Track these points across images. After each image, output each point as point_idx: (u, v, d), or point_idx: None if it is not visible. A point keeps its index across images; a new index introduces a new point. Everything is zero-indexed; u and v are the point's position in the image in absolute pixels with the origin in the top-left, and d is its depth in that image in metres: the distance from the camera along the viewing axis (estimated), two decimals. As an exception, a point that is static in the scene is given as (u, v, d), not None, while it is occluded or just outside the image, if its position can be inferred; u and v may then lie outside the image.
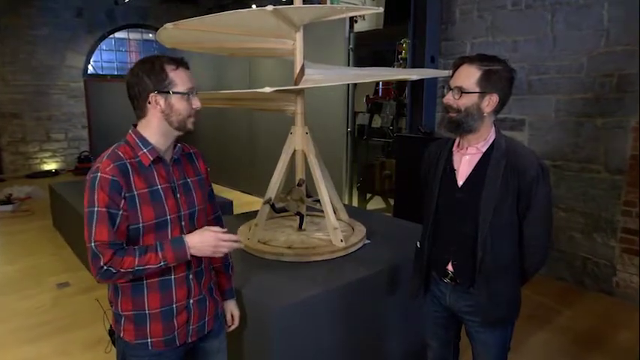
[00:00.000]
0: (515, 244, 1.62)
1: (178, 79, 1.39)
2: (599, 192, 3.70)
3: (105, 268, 1.32)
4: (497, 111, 1.58)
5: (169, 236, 1.43)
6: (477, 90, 1.52)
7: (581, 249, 3.84)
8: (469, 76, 1.53)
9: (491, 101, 1.54)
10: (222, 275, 1.71)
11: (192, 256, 1.46)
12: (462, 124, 1.56)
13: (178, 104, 1.40)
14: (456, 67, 1.57)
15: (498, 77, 1.52)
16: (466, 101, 1.53)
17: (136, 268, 1.33)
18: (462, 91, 1.53)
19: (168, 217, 1.42)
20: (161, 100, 1.38)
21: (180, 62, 1.41)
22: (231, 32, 2.31)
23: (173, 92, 1.38)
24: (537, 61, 3.93)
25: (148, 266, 1.35)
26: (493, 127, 1.62)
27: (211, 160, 1.67)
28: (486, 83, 1.52)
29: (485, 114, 1.55)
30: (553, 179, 3.80)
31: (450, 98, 1.56)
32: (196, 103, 1.43)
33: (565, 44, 3.76)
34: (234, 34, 2.34)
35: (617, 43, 3.48)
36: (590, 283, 3.81)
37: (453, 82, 1.56)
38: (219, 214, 1.72)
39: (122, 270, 1.33)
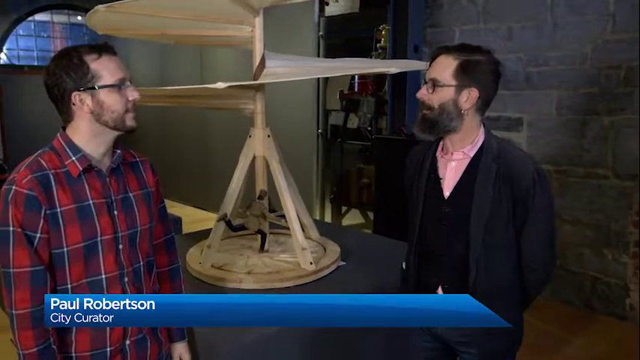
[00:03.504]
0: (514, 263, 1.65)
1: (103, 69, 1.36)
2: (607, 201, 3.79)
3: (12, 311, 1.31)
4: (480, 109, 1.61)
5: (102, 265, 1.40)
6: (453, 83, 1.56)
7: (590, 267, 3.93)
8: (445, 68, 1.56)
9: (470, 96, 1.57)
10: None
11: (129, 284, 1.44)
12: (437, 124, 1.59)
13: (109, 99, 1.37)
14: (432, 58, 1.62)
15: (479, 69, 1.56)
16: (441, 96, 1.57)
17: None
18: (435, 85, 1.57)
19: (99, 239, 1.39)
20: (87, 98, 1.36)
21: (103, 49, 1.38)
22: (177, 16, 2.30)
23: (99, 87, 1.36)
24: (536, 50, 4.04)
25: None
26: (481, 128, 1.65)
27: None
28: (464, 75, 1.55)
29: (464, 111, 1.58)
30: (556, 187, 3.89)
31: (423, 92, 1.60)
32: (132, 94, 1.40)
33: (567, 31, 3.86)
34: (181, 19, 2.33)
35: (625, 30, 3.59)
36: (600, 307, 3.90)
37: (428, 75, 1.60)
38: (172, 237, 1.70)
39: (20, 340, 1.32)
